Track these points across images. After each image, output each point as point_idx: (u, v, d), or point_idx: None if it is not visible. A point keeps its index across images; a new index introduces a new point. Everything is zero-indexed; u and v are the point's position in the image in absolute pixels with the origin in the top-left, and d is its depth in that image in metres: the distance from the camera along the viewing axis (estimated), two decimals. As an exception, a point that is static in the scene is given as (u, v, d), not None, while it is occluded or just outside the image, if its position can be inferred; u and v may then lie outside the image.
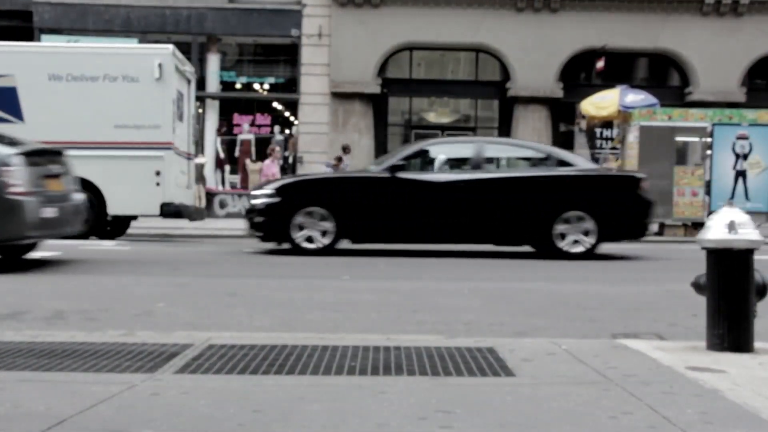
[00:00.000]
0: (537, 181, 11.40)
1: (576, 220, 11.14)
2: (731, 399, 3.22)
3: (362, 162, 21.84)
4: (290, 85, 23.50)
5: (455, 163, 12.04)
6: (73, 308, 6.10)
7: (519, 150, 12.71)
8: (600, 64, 22.38)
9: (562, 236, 11.13)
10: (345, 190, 11.25)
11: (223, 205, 22.64)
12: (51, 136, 13.97)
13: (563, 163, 11.61)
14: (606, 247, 11.75)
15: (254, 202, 11.33)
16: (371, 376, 3.63)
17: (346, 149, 20.40)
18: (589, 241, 11.15)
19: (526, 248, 11.78)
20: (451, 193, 11.25)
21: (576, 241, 11.15)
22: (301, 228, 10.98)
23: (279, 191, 11.17)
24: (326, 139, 22.59)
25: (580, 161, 12.17)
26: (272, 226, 11.12)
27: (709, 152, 16.77)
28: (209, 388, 3.36)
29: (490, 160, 12.02)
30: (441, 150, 12.23)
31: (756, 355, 4.10)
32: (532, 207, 11.18)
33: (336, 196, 11.12)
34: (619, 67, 22.68)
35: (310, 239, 11.03)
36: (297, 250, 10.98)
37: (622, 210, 11.33)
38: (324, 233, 11.02)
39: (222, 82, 23.38)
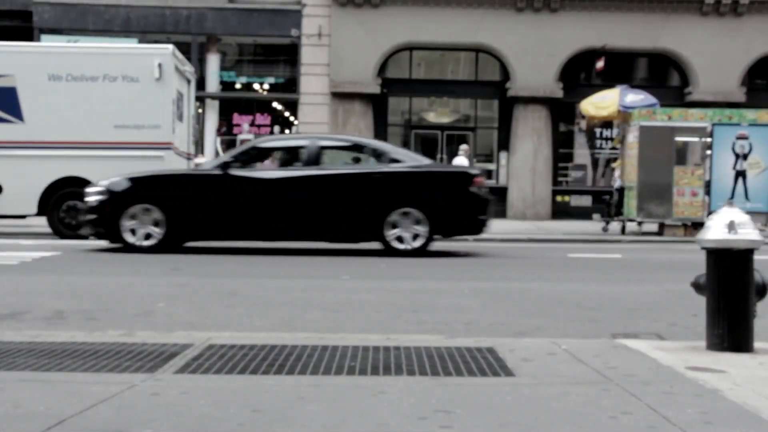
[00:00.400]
0: (367, 177, 11.27)
1: (407, 217, 11.02)
2: (731, 399, 3.23)
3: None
4: (290, 85, 23.49)
5: (289, 160, 11.93)
6: (73, 308, 6.11)
7: (352, 147, 12.53)
8: (600, 64, 22.37)
9: (395, 233, 11.03)
10: (176, 188, 11.16)
11: (223, 205, 22.64)
12: (51, 136, 14.01)
13: (397, 160, 11.47)
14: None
15: (87, 199, 11.23)
16: (371, 376, 3.63)
17: None
18: (421, 237, 11.02)
19: (376, 245, 11.45)
20: (282, 190, 11.14)
21: (407, 237, 11.02)
22: (132, 227, 10.91)
23: (109, 189, 11.08)
24: (326, 139, 22.61)
25: (413, 158, 11.94)
26: (103, 224, 11.04)
27: (708, 152, 16.77)
28: (209, 388, 3.36)
29: (323, 157, 11.76)
30: (273, 147, 12.18)
31: (756, 355, 4.11)
32: (363, 203, 11.07)
33: (167, 194, 11.03)
34: (619, 67, 22.68)
35: (148, 236, 10.93)
36: (128, 248, 10.88)
37: (453, 206, 11.19)
38: (156, 230, 10.93)
39: (222, 82, 23.39)
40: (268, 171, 11.62)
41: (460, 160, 18.62)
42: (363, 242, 11.48)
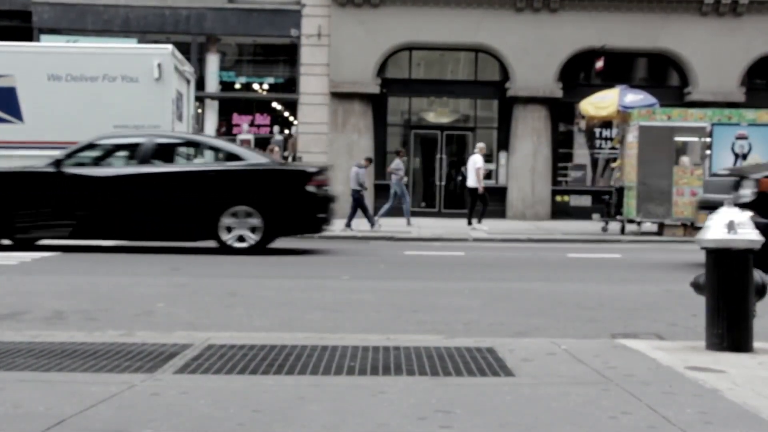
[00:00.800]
0: (201, 175, 11.21)
1: (243, 215, 10.95)
2: (731, 399, 3.23)
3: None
4: (289, 85, 23.48)
5: (128, 158, 11.71)
6: (73, 308, 6.11)
7: (189, 144, 12.34)
8: (599, 64, 22.35)
9: (230, 231, 10.96)
10: (8, 186, 11.06)
11: (222, 205, 22.62)
12: (50, 136, 14.01)
13: (234, 158, 11.38)
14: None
15: None
16: (371, 376, 3.64)
17: (399, 153, 20.30)
18: (256, 235, 10.96)
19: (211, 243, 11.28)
20: (116, 188, 11.05)
21: (242, 235, 10.96)
22: None
23: None
24: (325, 139, 22.57)
25: (252, 156, 11.77)
26: None
27: (708, 152, 16.77)
28: (209, 388, 3.36)
29: (160, 155, 11.58)
30: (110, 144, 11.97)
31: (755, 354, 4.11)
32: (197, 202, 10.99)
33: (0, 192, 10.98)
34: (619, 67, 22.66)
35: None
36: None
37: (289, 205, 11.09)
38: None
39: (221, 82, 23.37)
40: (102, 169, 11.39)
41: (476, 158, 18.69)
42: (199, 240, 11.37)
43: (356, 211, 16.79)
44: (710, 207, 10.21)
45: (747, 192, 9.16)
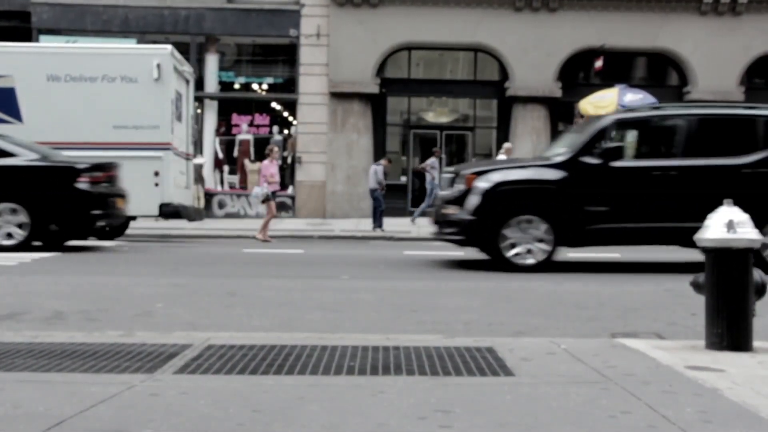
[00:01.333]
0: None
1: (8, 212, 10.93)
2: (730, 398, 3.23)
3: (362, 163, 21.84)
4: (289, 85, 23.48)
5: None
6: (72, 308, 6.10)
7: None
8: (598, 63, 22.37)
9: None
10: None
11: (221, 205, 22.65)
12: (50, 137, 13.99)
13: (5, 154, 11.21)
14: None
15: None
16: (371, 375, 3.63)
17: (435, 152, 20.27)
18: (23, 233, 10.92)
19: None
20: None
21: (10, 233, 10.91)
22: None
23: None
24: (325, 139, 22.57)
25: (23, 152, 11.50)
26: None
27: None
28: (209, 389, 3.36)
29: None
30: None
31: (755, 353, 4.11)
32: None
33: None
34: (618, 67, 22.67)
35: None
36: None
37: (56, 202, 11.06)
38: None
39: (220, 83, 23.37)
40: None
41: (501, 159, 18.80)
42: None
43: (382, 209, 16.83)
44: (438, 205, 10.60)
45: (460, 187, 9.61)
